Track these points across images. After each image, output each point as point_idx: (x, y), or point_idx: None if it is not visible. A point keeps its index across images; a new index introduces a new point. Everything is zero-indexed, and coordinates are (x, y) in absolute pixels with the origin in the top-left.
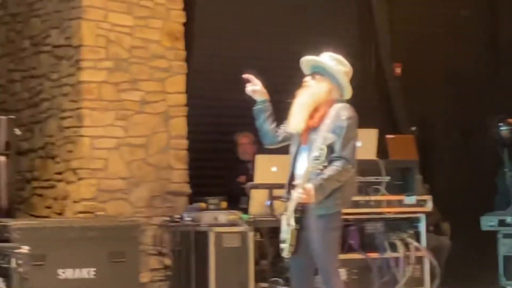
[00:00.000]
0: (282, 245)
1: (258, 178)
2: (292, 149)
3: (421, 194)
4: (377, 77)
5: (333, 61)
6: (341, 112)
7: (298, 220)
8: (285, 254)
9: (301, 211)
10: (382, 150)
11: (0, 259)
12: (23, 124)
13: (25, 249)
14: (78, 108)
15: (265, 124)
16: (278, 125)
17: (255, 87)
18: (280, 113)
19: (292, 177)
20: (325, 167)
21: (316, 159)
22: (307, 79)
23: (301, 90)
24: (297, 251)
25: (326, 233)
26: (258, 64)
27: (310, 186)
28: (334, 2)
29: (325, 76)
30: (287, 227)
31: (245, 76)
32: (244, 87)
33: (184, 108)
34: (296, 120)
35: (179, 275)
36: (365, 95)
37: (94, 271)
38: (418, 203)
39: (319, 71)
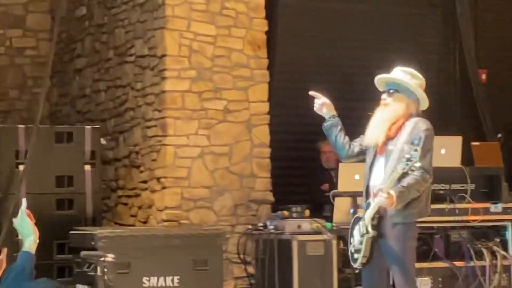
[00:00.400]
0: (355, 256)
1: (341, 186)
2: (368, 159)
3: (507, 202)
4: (462, 83)
5: (406, 75)
6: (418, 124)
7: (374, 228)
8: (357, 265)
9: (378, 218)
10: (468, 157)
11: (86, 267)
12: (108, 133)
13: (110, 257)
14: (162, 118)
15: (339, 138)
16: (351, 138)
17: (323, 101)
18: (359, 120)
19: (367, 187)
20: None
21: (409, 160)
22: (385, 96)
23: (379, 107)
24: (370, 261)
25: (403, 242)
26: (340, 71)
27: (392, 192)
28: (417, 8)
29: (401, 92)
30: (360, 237)
31: (311, 93)
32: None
33: (267, 117)
34: (375, 133)
35: (263, 283)
36: (450, 101)
37: (178, 279)
38: (504, 211)
39: (395, 88)
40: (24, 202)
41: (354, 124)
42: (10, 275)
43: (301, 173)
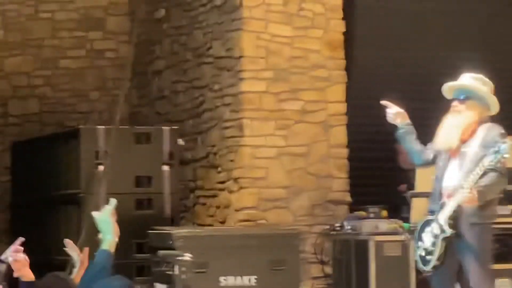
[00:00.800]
0: (427, 258)
1: (419, 187)
2: (440, 163)
3: None
4: None
5: (477, 82)
6: (492, 130)
7: (451, 227)
8: (430, 267)
9: (455, 217)
10: None
11: (164, 266)
12: (186, 134)
13: (188, 256)
14: (239, 118)
15: (414, 145)
16: (427, 139)
17: (396, 110)
18: (435, 120)
19: (440, 189)
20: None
21: (497, 153)
22: (456, 103)
23: (450, 114)
24: (443, 264)
25: (482, 242)
26: (418, 72)
27: (474, 189)
28: (496, 8)
29: (473, 99)
30: (434, 238)
31: (383, 103)
32: (405, 94)
33: (344, 117)
34: (448, 137)
35: (340, 283)
36: None
37: (255, 279)
38: None
39: (468, 95)
40: (113, 201)
41: (430, 125)
42: (90, 273)
43: (379, 173)
